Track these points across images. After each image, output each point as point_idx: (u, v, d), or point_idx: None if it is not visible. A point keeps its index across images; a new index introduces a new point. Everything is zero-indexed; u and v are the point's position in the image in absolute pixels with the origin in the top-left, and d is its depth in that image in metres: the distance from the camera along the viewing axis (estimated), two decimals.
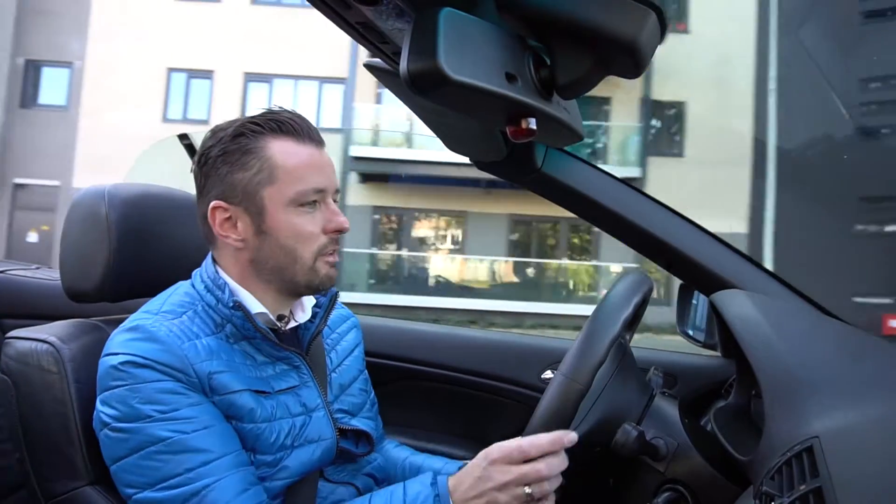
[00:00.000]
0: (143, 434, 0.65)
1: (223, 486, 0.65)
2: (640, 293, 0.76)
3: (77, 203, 0.86)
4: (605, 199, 0.89)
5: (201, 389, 0.69)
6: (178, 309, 0.74)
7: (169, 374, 0.67)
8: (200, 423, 0.67)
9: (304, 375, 0.79)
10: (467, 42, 0.46)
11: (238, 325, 0.73)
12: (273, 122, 0.73)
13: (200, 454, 0.66)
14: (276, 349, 0.76)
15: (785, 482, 0.51)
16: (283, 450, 0.74)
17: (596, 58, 0.49)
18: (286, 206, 0.73)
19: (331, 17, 0.55)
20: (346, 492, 0.84)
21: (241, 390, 0.71)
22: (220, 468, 0.66)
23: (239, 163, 0.72)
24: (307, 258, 0.74)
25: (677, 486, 0.74)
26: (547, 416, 0.66)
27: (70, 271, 0.85)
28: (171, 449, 0.65)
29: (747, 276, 0.86)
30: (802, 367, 0.64)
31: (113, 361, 0.68)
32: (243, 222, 0.74)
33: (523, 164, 0.88)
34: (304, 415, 0.77)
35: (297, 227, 0.73)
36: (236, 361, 0.73)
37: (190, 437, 0.66)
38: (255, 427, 0.72)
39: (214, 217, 0.74)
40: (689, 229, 0.90)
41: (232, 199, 0.73)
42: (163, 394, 0.67)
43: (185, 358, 0.69)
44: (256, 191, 0.72)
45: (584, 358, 0.67)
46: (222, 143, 0.73)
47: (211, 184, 0.74)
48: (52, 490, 0.75)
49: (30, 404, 0.76)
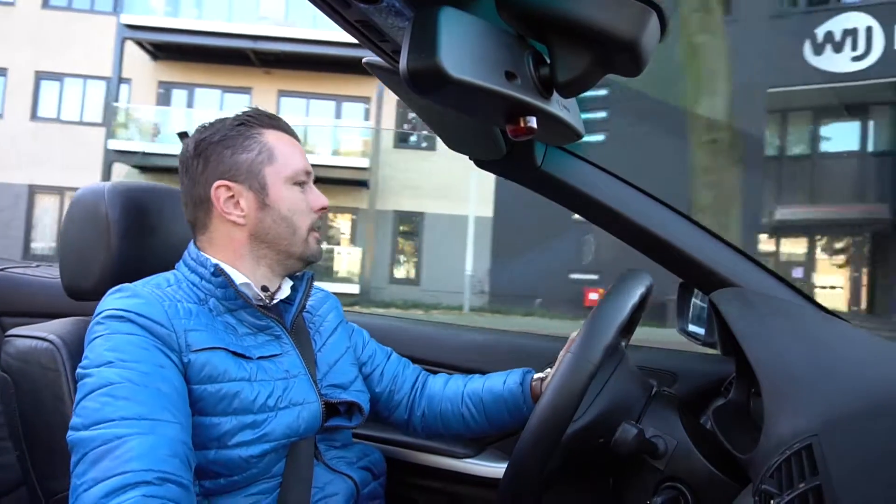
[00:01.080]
0: (98, 377, 0.66)
1: (147, 441, 0.62)
2: (644, 287, 0.76)
3: (76, 201, 0.86)
4: (605, 197, 0.89)
5: (176, 344, 0.70)
6: (163, 283, 0.78)
7: (145, 327, 0.69)
8: (153, 382, 0.66)
9: (286, 345, 0.82)
10: (467, 40, 0.46)
11: (220, 298, 0.76)
12: (265, 116, 0.84)
13: (141, 406, 0.64)
14: (258, 317, 0.79)
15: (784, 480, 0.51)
16: (266, 411, 0.75)
17: (596, 56, 0.49)
18: (284, 183, 0.81)
19: (330, 15, 0.55)
20: (343, 484, 0.85)
21: (218, 347, 0.73)
22: (154, 427, 0.63)
23: (241, 146, 0.80)
24: (303, 230, 0.82)
25: (676, 484, 0.74)
26: (557, 392, 0.66)
27: (69, 269, 0.85)
28: (115, 393, 0.64)
29: (747, 275, 0.86)
30: (802, 366, 0.64)
31: (98, 318, 0.71)
32: (246, 199, 0.79)
33: (523, 162, 0.88)
34: (286, 379, 0.79)
35: (296, 200, 0.82)
36: (217, 328, 0.75)
37: (137, 389, 0.65)
38: (233, 385, 0.72)
39: (219, 196, 0.79)
40: (688, 227, 0.90)
41: (236, 178, 0.79)
42: (130, 345, 0.68)
43: (164, 312, 0.71)
44: (259, 169, 0.80)
45: (594, 338, 0.67)
46: (222, 130, 0.80)
47: (212, 167, 0.79)
48: (52, 487, 0.76)
49: (30, 402, 0.77)
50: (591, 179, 0.90)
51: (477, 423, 0.96)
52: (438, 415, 0.98)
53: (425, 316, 9.73)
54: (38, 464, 0.77)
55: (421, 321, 1.37)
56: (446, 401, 0.98)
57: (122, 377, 0.65)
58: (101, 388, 0.65)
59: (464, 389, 0.98)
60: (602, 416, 0.78)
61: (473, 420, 0.96)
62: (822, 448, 0.50)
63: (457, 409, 0.96)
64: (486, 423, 0.96)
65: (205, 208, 0.80)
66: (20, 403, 0.77)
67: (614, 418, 0.76)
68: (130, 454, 0.61)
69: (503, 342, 1.25)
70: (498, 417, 0.94)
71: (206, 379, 0.71)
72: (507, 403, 0.93)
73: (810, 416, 0.57)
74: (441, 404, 0.98)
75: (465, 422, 0.96)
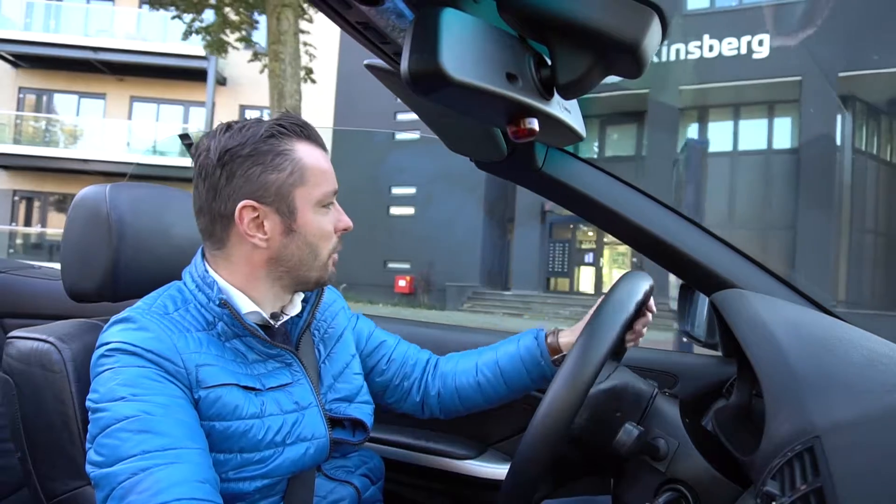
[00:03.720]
0: (112, 412, 0.64)
1: (175, 470, 0.61)
2: (643, 291, 0.76)
3: (78, 203, 0.86)
4: (606, 198, 0.89)
5: (187, 381, 0.69)
6: (170, 305, 0.74)
7: (154, 363, 0.67)
8: (170, 413, 0.65)
9: (297, 373, 0.80)
10: (468, 42, 0.46)
11: (228, 324, 0.74)
12: (297, 125, 0.76)
13: (162, 438, 0.63)
14: (266, 347, 0.76)
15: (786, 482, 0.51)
16: (272, 447, 0.73)
17: (597, 58, 0.49)
18: (313, 206, 0.76)
19: (331, 16, 0.55)
20: (345, 490, 0.84)
21: (229, 384, 0.71)
22: (179, 456, 0.63)
23: (272, 164, 0.73)
24: (324, 255, 0.79)
25: (678, 485, 0.74)
26: (552, 409, 0.66)
27: (71, 271, 0.85)
28: (133, 427, 0.63)
29: (748, 276, 0.86)
30: (803, 367, 0.64)
31: (103, 350, 0.69)
32: (272, 221, 0.75)
33: (524, 163, 0.88)
34: (296, 412, 0.77)
35: (322, 225, 0.78)
36: (227, 359, 0.73)
37: (155, 420, 0.64)
38: (242, 423, 0.71)
39: (243, 216, 0.73)
40: (689, 229, 0.90)
41: (264, 200, 0.73)
42: (142, 378, 0.66)
43: (174, 347, 0.69)
44: (289, 192, 0.74)
45: (590, 351, 0.67)
46: (251, 142, 0.73)
47: (238, 183, 0.73)
48: (54, 489, 0.75)
49: (31, 404, 0.77)
50: (593, 181, 0.90)
51: (495, 390, 0.94)
52: (455, 391, 0.95)
53: None
54: (40, 465, 0.77)
55: (424, 323, 1.37)
56: (461, 375, 0.95)
57: (138, 410, 0.64)
58: (116, 424, 0.63)
59: (477, 360, 0.96)
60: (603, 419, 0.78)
61: (492, 388, 0.94)
62: (823, 450, 0.50)
63: (472, 380, 0.94)
64: (505, 387, 0.94)
65: (224, 224, 0.75)
66: (22, 405, 0.77)
67: (615, 420, 0.76)
68: (160, 485, 0.59)
69: None
70: (517, 379, 0.93)
71: (216, 416, 0.70)
72: (524, 362, 0.92)
73: (812, 417, 0.56)
74: (456, 379, 0.96)
75: (483, 392, 0.94)
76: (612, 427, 0.75)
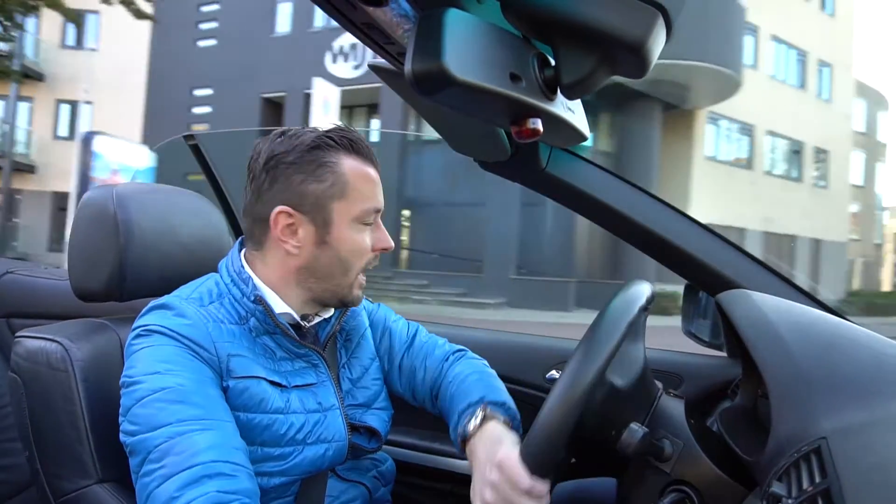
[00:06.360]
0: (149, 384, 0.66)
1: (211, 435, 0.63)
2: (642, 300, 0.75)
3: (86, 203, 0.86)
4: (610, 198, 0.89)
5: (218, 368, 0.70)
6: (206, 297, 0.76)
7: (189, 348, 0.70)
8: (203, 387, 0.67)
9: (322, 374, 0.80)
10: (472, 42, 0.46)
11: (260, 320, 0.75)
12: (346, 139, 0.76)
13: (196, 409, 0.65)
14: (295, 346, 0.77)
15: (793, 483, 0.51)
16: (293, 444, 0.74)
17: (601, 58, 0.49)
18: (351, 222, 0.76)
19: (336, 17, 0.55)
20: (357, 491, 0.85)
21: (257, 377, 0.72)
22: (214, 425, 0.65)
23: (314, 174, 0.74)
24: (355, 272, 0.78)
25: (683, 486, 0.73)
26: (546, 428, 0.65)
27: (78, 271, 0.86)
28: (169, 398, 0.65)
29: (753, 276, 0.86)
30: (809, 367, 0.64)
31: (139, 331, 0.71)
32: (306, 231, 0.75)
33: (528, 163, 0.88)
34: (319, 412, 0.78)
35: (358, 242, 0.77)
36: (256, 353, 0.74)
37: (190, 392, 0.66)
38: (266, 417, 0.72)
39: (278, 221, 0.75)
40: (694, 229, 0.89)
41: (300, 208, 0.74)
42: (178, 356, 0.68)
43: (209, 335, 0.71)
44: (327, 203, 0.75)
45: (585, 368, 0.66)
46: (297, 150, 0.74)
47: (278, 188, 0.74)
48: (62, 488, 0.76)
49: (39, 403, 0.77)
50: (596, 181, 0.90)
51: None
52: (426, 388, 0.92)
53: None
54: (48, 464, 0.77)
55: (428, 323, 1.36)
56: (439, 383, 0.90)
57: (173, 382, 0.66)
58: (152, 395, 0.65)
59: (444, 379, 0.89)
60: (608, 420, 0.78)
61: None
62: (830, 451, 0.50)
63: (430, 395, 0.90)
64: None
65: (262, 227, 0.77)
66: (30, 404, 0.77)
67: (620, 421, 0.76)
68: (196, 447, 0.61)
69: (508, 342, 1.25)
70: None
71: (242, 407, 0.71)
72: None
73: (819, 418, 0.56)
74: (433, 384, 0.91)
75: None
76: (617, 427, 0.75)
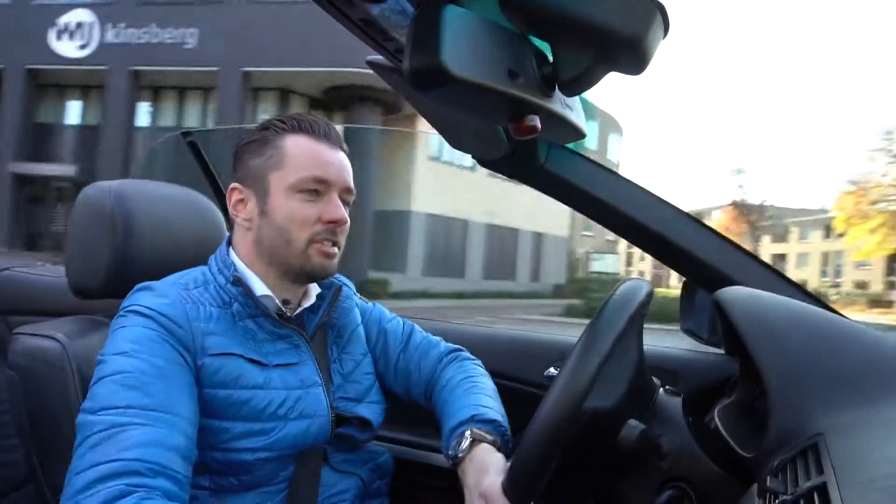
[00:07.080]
0: (111, 364, 0.66)
1: (148, 432, 0.62)
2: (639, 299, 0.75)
3: (83, 200, 0.86)
4: (608, 195, 0.89)
5: (192, 346, 0.71)
6: (191, 283, 0.78)
7: (163, 325, 0.70)
8: (164, 375, 0.67)
9: (304, 354, 0.81)
10: (470, 39, 0.46)
11: (242, 304, 0.77)
12: (295, 120, 0.81)
13: (148, 398, 0.64)
14: (276, 326, 0.79)
15: (789, 479, 0.51)
16: (275, 420, 0.75)
17: (599, 54, 0.49)
18: (286, 191, 0.78)
19: (334, 14, 0.55)
20: (351, 482, 0.85)
21: (233, 354, 0.73)
22: (158, 420, 0.63)
23: (257, 151, 0.80)
24: (299, 242, 0.78)
25: (680, 483, 0.74)
26: (543, 431, 0.65)
27: (76, 268, 0.86)
28: (125, 382, 0.65)
29: (751, 274, 0.86)
30: (806, 365, 0.64)
31: (121, 312, 0.73)
32: (251, 203, 0.80)
33: (526, 161, 0.88)
34: (300, 389, 0.78)
35: (293, 210, 0.78)
36: (236, 334, 0.75)
37: (147, 380, 0.65)
38: (245, 392, 0.73)
39: (231, 197, 0.82)
40: (692, 227, 0.89)
41: (245, 181, 0.81)
42: (147, 339, 0.69)
43: (185, 313, 0.73)
44: (265, 174, 0.79)
45: (582, 368, 0.66)
46: (252, 135, 0.82)
47: (235, 168, 0.83)
48: (59, 484, 0.76)
49: (37, 400, 0.77)
50: (595, 178, 0.90)
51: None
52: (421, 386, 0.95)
53: None
54: (45, 461, 0.77)
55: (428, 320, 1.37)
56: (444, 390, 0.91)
57: (133, 367, 0.66)
58: (112, 375, 0.65)
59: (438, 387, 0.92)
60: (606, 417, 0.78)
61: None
62: (826, 447, 0.50)
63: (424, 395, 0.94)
64: None
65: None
66: (27, 401, 0.77)
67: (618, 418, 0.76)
68: (127, 442, 0.61)
69: (507, 339, 1.25)
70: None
71: (218, 384, 0.72)
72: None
73: (815, 414, 0.56)
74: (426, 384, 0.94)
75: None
76: (615, 424, 0.75)
